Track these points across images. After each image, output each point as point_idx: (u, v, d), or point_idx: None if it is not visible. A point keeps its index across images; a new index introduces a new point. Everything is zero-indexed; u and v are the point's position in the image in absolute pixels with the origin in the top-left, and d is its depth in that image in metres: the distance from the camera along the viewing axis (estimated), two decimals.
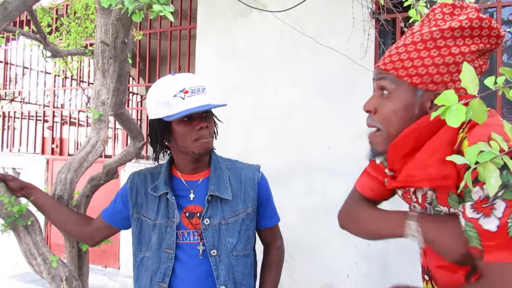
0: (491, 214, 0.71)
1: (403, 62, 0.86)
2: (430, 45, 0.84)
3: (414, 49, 0.85)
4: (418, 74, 0.84)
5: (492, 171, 0.56)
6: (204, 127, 1.28)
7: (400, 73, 0.86)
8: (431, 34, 0.84)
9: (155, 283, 1.33)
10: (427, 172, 0.81)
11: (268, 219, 1.46)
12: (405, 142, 0.86)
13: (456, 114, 0.56)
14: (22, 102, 5.59)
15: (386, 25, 3.00)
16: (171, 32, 4.33)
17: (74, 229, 1.49)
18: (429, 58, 0.84)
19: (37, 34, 1.86)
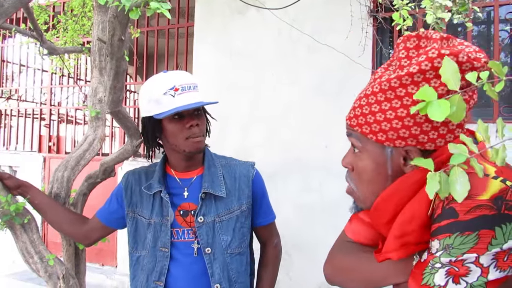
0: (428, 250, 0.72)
1: (365, 117, 0.77)
2: (390, 95, 0.74)
3: (375, 101, 0.76)
4: (382, 130, 0.75)
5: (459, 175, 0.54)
6: (194, 125, 1.28)
7: (364, 130, 0.78)
8: (389, 83, 0.74)
9: (151, 282, 1.33)
10: (406, 240, 0.74)
11: (264, 216, 1.45)
12: (386, 206, 0.77)
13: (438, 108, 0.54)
14: (18, 100, 5.57)
15: (384, 23, 3.00)
16: (169, 30, 4.32)
17: (69, 229, 1.49)
18: (391, 111, 0.74)
19: (34, 31, 1.85)
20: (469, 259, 0.66)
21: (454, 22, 1.73)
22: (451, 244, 0.67)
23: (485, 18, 3.27)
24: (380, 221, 0.80)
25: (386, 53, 3.15)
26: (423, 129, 0.72)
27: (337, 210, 3.10)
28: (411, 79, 0.71)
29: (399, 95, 0.73)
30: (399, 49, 0.78)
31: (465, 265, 0.66)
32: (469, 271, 0.66)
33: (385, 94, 0.74)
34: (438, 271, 0.68)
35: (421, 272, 0.71)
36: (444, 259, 0.68)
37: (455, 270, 0.67)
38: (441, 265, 0.68)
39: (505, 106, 2.79)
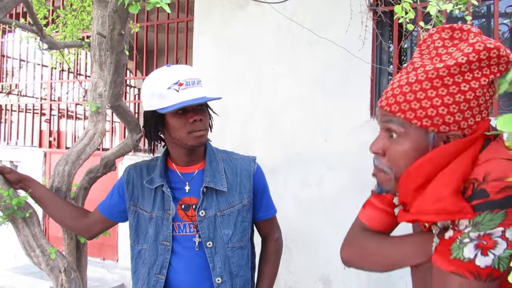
0: (454, 229, 0.77)
1: (409, 103, 0.80)
2: (437, 83, 0.78)
3: (420, 89, 0.79)
4: (427, 116, 0.79)
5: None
6: (198, 120, 1.28)
7: (408, 116, 0.81)
8: (437, 72, 0.78)
9: (153, 275, 1.34)
10: (442, 205, 0.76)
11: (265, 211, 1.46)
12: (418, 174, 0.81)
13: None
14: (19, 95, 5.58)
15: (384, 17, 2.99)
16: (169, 24, 4.31)
17: (71, 222, 1.50)
18: (437, 98, 0.78)
19: (34, 26, 1.85)
20: (496, 233, 0.71)
21: (454, 16, 1.72)
22: (480, 221, 0.72)
23: (485, 12, 3.27)
24: (409, 187, 0.82)
25: (386, 47, 3.14)
26: (465, 116, 0.78)
27: (337, 204, 3.12)
28: (459, 69, 0.77)
29: (446, 84, 0.78)
30: (434, 39, 0.83)
31: (492, 239, 0.72)
32: (496, 244, 0.72)
33: (431, 82, 0.78)
34: (467, 245, 0.73)
35: (448, 248, 0.76)
36: (473, 234, 0.73)
37: (483, 244, 0.72)
38: (469, 240, 0.73)
39: (504, 100, 2.80)
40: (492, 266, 0.72)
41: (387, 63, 3.17)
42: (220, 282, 1.32)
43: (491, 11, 3.03)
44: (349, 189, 3.05)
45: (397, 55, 3.08)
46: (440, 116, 0.78)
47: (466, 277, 0.74)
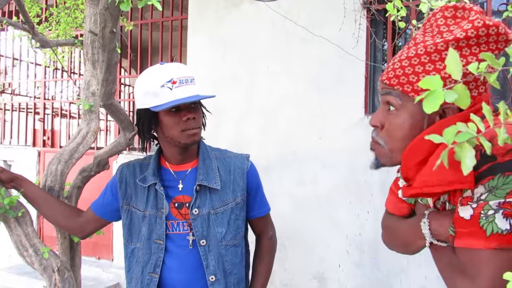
0: (467, 204, 0.76)
1: (408, 76, 0.82)
2: (435, 57, 0.80)
3: (418, 62, 0.81)
4: (424, 90, 0.80)
5: (468, 150, 0.57)
6: (191, 118, 1.28)
7: (405, 89, 0.82)
8: (436, 46, 0.79)
9: (147, 273, 1.34)
10: (443, 176, 0.77)
11: (258, 208, 1.46)
12: (420, 148, 0.82)
13: (434, 99, 0.56)
14: (12, 94, 5.54)
15: (377, 15, 3.00)
16: (163, 22, 4.30)
17: (64, 222, 1.49)
18: (435, 72, 0.80)
19: (25, 24, 1.83)
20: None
21: None
22: (495, 185, 0.71)
23: None
24: (412, 162, 0.83)
25: (380, 45, 3.15)
26: None
27: (332, 202, 3.13)
28: (456, 43, 0.78)
29: (443, 58, 0.79)
30: (437, 18, 0.84)
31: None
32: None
33: (429, 56, 0.80)
34: (495, 217, 0.72)
35: (478, 227, 0.74)
36: (493, 203, 0.72)
37: (509, 211, 0.71)
38: (494, 211, 0.72)
39: (496, 97, 2.81)
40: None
41: (381, 61, 3.18)
42: (213, 280, 1.32)
43: (484, 9, 3.04)
44: (344, 187, 3.06)
45: (391, 53, 3.08)
46: None
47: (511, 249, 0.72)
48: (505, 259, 0.72)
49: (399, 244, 1.02)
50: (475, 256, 0.75)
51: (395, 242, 1.04)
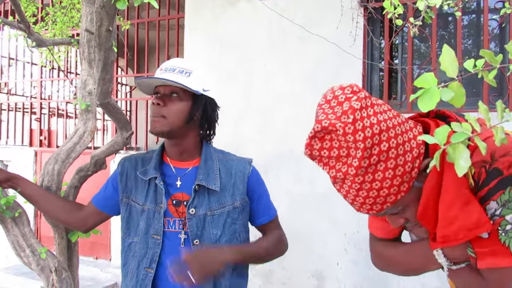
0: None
1: (379, 197, 0.80)
2: (371, 169, 0.78)
3: (371, 182, 0.78)
4: (399, 185, 0.79)
5: (462, 152, 0.57)
6: (154, 104, 1.28)
7: (390, 200, 0.81)
8: (359, 165, 0.77)
9: (142, 268, 1.33)
10: (457, 226, 0.77)
11: (263, 215, 1.43)
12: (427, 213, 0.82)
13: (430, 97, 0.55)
14: (8, 93, 5.51)
15: (375, 13, 3.00)
16: (159, 21, 4.28)
17: (65, 216, 1.49)
18: (388, 171, 0.77)
19: (21, 23, 1.82)
20: None
21: (443, 11, 1.73)
22: (507, 199, 0.72)
23: (474, 8, 3.28)
24: (430, 225, 0.84)
25: (377, 43, 3.15)
26: (408, 150, 0.78)
27: (329, 200, 3.13)
28: (370, 140, 0.75)
29: (376, 161, 0.76)
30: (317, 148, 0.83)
31: None
32: None
33: (369, 171, 0.77)
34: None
35: (498, 244, 0.74)
36: (509, 217, 0.72)
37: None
38: (511, 225, 0.73)
39: (494, 95, 2.82)
40: None
41: (378, 59, 3.18)
42: None
43: (481, 6, 3.04)
44: None
45: (388, 51, 3.08)
46: (404, 174, 0.78)
47: None
48: None
49: (403, 269, 1.02)
50: (504, 274, 0.75)
51: (397, 268, 1.03)
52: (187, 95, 1.31)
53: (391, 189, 0.79)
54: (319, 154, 0.83)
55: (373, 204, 0.81)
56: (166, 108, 1.28)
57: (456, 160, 0.57)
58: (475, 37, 3.41)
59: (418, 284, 2.84)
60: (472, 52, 3.35)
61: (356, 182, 0.78)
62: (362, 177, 0.78)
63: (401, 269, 1.02)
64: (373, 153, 0.75)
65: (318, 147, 0.82)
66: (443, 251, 0.86)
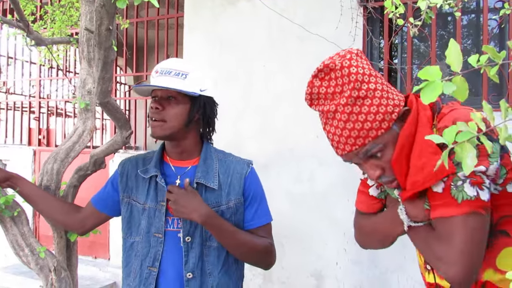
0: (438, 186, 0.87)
1: (363, 129, 0.92)
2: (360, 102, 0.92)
3: (357, 116, 0.92)
4: (381, 121, 0.92)
5: (469, 150, 0.57)
6: (153, 108, 1.29)
7: (372, 135, 0.92)
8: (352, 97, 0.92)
9: (145, 267, 1.33)
10: (426, 171, 0.87)
11: (253, 218, 1.38)
12: (400, 161, 0.93)
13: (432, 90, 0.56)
14: (7, 92, 5.50)
15: (374, 13, 3.00)
16: (159, 20, 4.28)
17: (62, 218, 1.48)
18: (372, 107, 0.91)
19: (20, 22, 1.82)
20: (479, 170, 0.82)
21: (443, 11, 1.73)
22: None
23: (474, 7, 3.28)
24: (402, 174, 0.94)
25: (376, 43, 3.15)
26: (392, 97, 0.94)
27: (329, 199, 3.13)
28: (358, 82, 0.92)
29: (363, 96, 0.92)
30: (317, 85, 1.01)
31: (477, 175, 0.83)
32: (484, 179, 0.83)
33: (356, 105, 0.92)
34: (464, 186, 0.84)
35: (450, 197, 0.85)
36: (460, 174, 0.83)
37: (475, 180, 0.83)
38: (462, 181, 0.84)
39: (493, 95, 2.82)
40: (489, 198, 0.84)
41: (377, 58, 3.17)
42: (190, 278, 1.30)
43: (480, 6, 3.04)
44: (341, 184, 3.06)
45: (387, 51, 3.08)
46: (386, 113, 0.92)
47: (480, 213, 0.83)
48: (475, 221, 0.83)
49: (377, 238, 1.11)
50: (449, 222, 0.85)
51: (373, 237, 1.13)
52: (185, 97, 1.32)
53: (374, 124, 0.91)
54: (318, 91, 0.99)
55: (357, 137, 0.92)
56: (165, 112, 1.29)
57: (464, 159, 0.58)
58: (474, 37, 3.41)
59: (418, 284, 2.84)
60: (471, 52, 3.36)
61: (345, 112, 0.92)
62: (350, 107, 0.92)
63: (376, 238, 1.11)
64: (362, 87, 0.91)
65: (318, 84, 1.00)
66: (405, 209, 0.97)
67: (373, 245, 1.15)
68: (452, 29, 3.39)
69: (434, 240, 0.91)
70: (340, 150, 0.97)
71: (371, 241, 1.15)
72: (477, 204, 0.83)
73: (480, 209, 0.83)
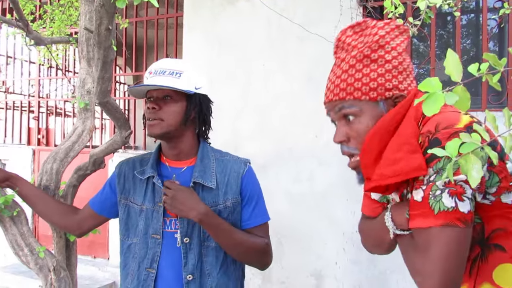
0: (419, 187, 0.82)
1: (352, 85, 0.91)
2: (367, 61, 0.91)
3: (355, 71, 0.91)
4: (372, 89, 0.90)
5: (474, 163, 0.56)
6: (150, 108, 1.30)
7: (356, 95, 0.91)
8: (362, 53, 0.91)
9: (143, 269, 1.32)
10: (398, 166, 0.83)
11: (250, 218, 1.37)
12: (371, 146, 0.89)
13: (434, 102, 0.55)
14: (6, 92, 5.49)
15: (374, 13, 3.00)
16: (158, 20, 4.27)
17: (59, 219, 1.48)
18: (373, 72, 0.91)
19: (19, 21, 1.82)
20: (460, 179, 0.78)
21: (442, 11, 1.73)
22: (441, 167, 0.79)
23: (473, 7, 3.29)
24: (369, 161, 0.91)
25: None
26: (399, 80, 0.91)
27: (328, 199, 3.13)
28: (377, 44, 0.91)
29: (373, 59, 0.91)
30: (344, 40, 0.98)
31: (458, 184, 0.78)
32: (465, 189, 0.78)
33: (362, 63, 0.91)
34: (442, 196, 0.79)
35: (427, 207, 0.80)
36: (439, 183, 0.79)
37: (454, 190, 0.78)
38: (440, 190, 0.79)
39: (493, 95, 2.82)
40: (472, 209, 0.79)
41: None
42: (190, 279, 1.29)
43: (480, 6, 3.05)
44: (340, 184, 3.06)
45: None
46: (381, 85, 0.90)
47: (457, 225, 0.79)
48: (452, 235, 0.79)
49: (372, 243, 1.07)
50: (426, 234, 0.81)
51: (369, 242, 1.09)
52: (180, 96, 1.31)
53: (364, 87, 0.90)
54: (344, 40, 0.98)
55: (342, 89, 0.92)
56: (162, 111, 1.29)
57: (469, 172, 0.57)
58: (474, 37, 3.42)
59: None
60: (471, 52, 3.36)
61: (348, 63, 0.92)
62: (355, 61, 0.92)
63: (371, 242, 1.08)
64: (377, 52, 0.91)
65: (349, 34, 0.97)
66: (391, 215, 0.94)
67: (373, 250, 1.11)
68: (452, 29, 3.39)
69: (412, 250, 0.87)
70: (325, 97, 0.98)
71: (369, 245, 1.11)
72: (454, 216, 0.78)
73: (456, 221, 0.78)
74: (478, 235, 0.86)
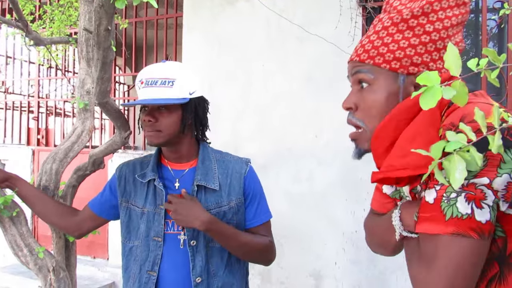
0: (433, 187, 0.71)
1: (377, 49, 0.81)
2: (403, 27, 0.80)
3: (386, 34, 0.81)
4: (396, 58, 0.79)
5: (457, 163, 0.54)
6: (146, 121, 1.29)
7: (376, 61, 0.81)
8: (401, 16, 0.80)
9: (145, 272, 1.32)
10: (409, 159, 0.73)
11: (254, 217, 1.39)
12: (384, 133, 0.79)
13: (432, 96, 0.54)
14: (6, 92, 5.49)
15: (373, 13, 3.00)
16: (157, 20, 4.27)
17: (58, 220, 1.48)
18: (404, 40, 0.79)
19: (19, 21, 1.82)
20: (481, 182, 0.66)
21: None
22: None
23: (473, 7, 3.29)
24: (380, 150, 0.81)
25: None
26: (432, 58, 0.79)
27: (327, 199, 3.13)
28: (421, 10, 0.79)
29: (411, 26, 0.79)
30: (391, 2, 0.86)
31: (478, 188, 0.66)
32: (486, 194, 0.66)
33: (397, 27, 0.80)
34: (457, 200, 0.67)
35: (439, 210, 0.69)
36: None
37: (473, 195, 0.66)
38: (456, 193, 0.67)
39: (493, 94, 2.82)
40: (491, 220, 0.66)
41: None
42: (199, 282, 1.30)
43: (479, 6, 3.05)
44: (340, 184, 3.06)
45: None
46: (408, 57, 0.79)
47: (470, 236, 0.66)
48: (462, 246, 0.67)
49: (377, 242, 0.97)
50: (433, 241, 0.70)
51: (374, 240, 0.99)
52: (175, 105, 1.30)
53: (387, 54, 0.80)
54: (392, 4, 0.85)
55: (366, 51, 0.82)
56: (159, 123, 1.29)
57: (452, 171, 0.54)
58: (473, 37, 3.41)
59: None
60: (470, 52, 3.36)
61: (382, 24, 0.82)
62: (390, 22, 0.81)
63: (375, 241, 0.98)
64: (419, 19, 0.79)
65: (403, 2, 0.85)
66: (400, 214, 0.83)
67: (377, 249, 1.00)
68: None
69: (416, 258, 0.76)
70: (354, 51, 0.87)
71: (373, 244, 1.01)
72: (468, 224, 0.66)
73: (470, 231, 0.66)
74: (499, 251, 0.72)
